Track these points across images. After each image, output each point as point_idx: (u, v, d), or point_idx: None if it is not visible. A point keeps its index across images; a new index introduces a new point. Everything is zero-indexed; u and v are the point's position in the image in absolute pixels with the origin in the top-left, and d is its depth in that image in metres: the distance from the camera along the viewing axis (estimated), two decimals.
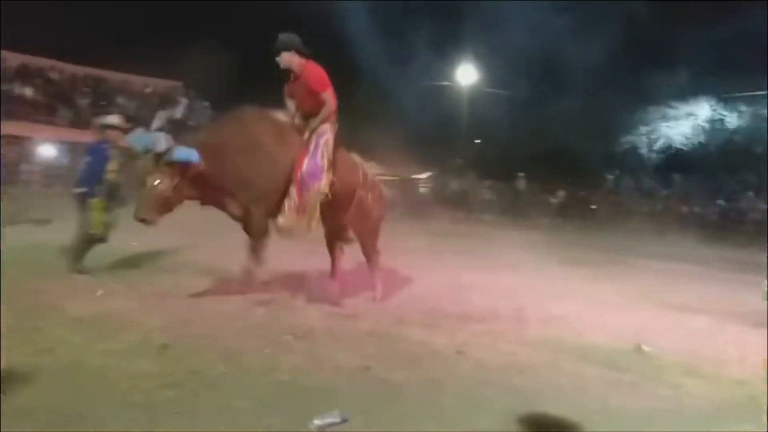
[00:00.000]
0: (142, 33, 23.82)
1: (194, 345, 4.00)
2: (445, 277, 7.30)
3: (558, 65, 24.37)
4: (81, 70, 25.77)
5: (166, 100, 26.27)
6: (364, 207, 5.68)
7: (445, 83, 28.26)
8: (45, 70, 24.84)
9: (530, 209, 20.58)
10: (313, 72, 5.30)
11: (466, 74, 27.95)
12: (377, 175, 6.24)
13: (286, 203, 5.15)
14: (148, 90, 27.36)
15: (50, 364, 3.46)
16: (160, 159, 4.75)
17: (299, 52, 5.30)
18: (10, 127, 20.41)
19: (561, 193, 22.69)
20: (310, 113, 5.35)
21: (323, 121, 5.27)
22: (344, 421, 2.99)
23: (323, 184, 5.16)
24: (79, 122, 22.89)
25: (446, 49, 26.25)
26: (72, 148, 20.89)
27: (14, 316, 4.29)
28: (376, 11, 22.31)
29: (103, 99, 25.42)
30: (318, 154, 5.18)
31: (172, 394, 3.20)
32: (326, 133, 5.27)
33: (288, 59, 5.27)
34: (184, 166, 4.80)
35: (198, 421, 2.98)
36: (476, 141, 29.93)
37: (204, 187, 5.00)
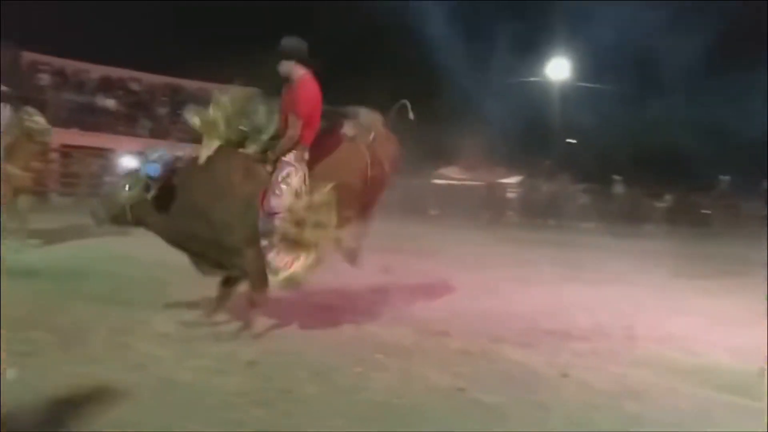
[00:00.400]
0: (217, 41, 24.83)
1: (283, 362, 4.11)
2: (541, 291, 7.17)
3: (658, 57, 23.46)
4: (159, 80, 27.09)
5: None
6: (379, 181, 5.30)
7: (535, 79, 27.81)
8: (125, 81, 26.30)
9: (633, 215, 19.88)
10: (304, 89, 4.89)
11: (558, 69, 27.43)
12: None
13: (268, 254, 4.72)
14: None
15: (142, 380, 3.63)
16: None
17: (301, 62, 4.93)
18: (94, 139, 21.78)
19: (668, 198, 21.77)
20: (281, 136, 4.90)
21: (283, 152, 4.81)
22: None
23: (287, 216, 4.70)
24: (159, 132, 24.09)
25: (536, 44, 25.87)
26: None
27: (106, 330, 4.58)
28: (463, 9, 22.26)
29: (180, 107, 26.57)
30: (276, 188, 4.74)
31: (264, 412, 3.29)
32: (288, 166, 4.80)
33: (287, 69, 4.92)
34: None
35: None
36: (569, 141, 29.24)
37: (176, 223, 4.89)
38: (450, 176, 25.98)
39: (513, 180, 25.55)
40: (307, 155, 4.90)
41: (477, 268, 8.37)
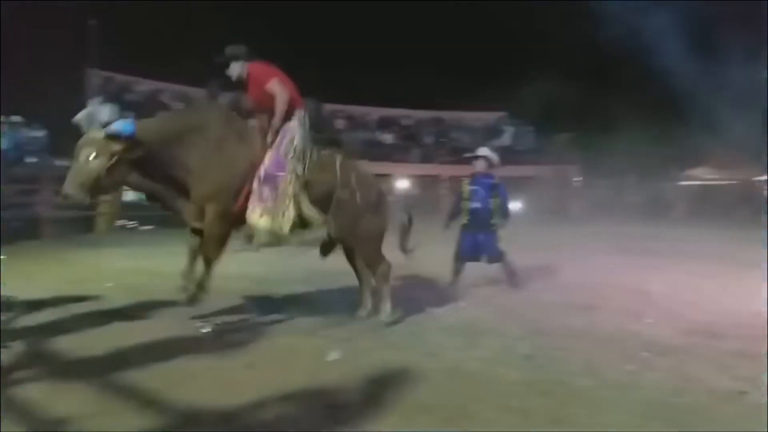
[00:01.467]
0: (471, 75, 25.39)
1: (556, 357, 3.93)
2: None
3: None
4: (425, 114, 28.55)
5: (493, 130, 27.43)
6: (349, 211, 4.74)
7: None
8: (398, 118, 28.15)
9: None
10: (255, 69, 4.76)
11: None
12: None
13: (254, 203, 4.45)
14: (478, 123, 28.85)
15: (435, 366, 3.72)
16: (99, 132, 4.09)
17: (246, 59, 4.80)
18: (378, 168, 23.60)
19: None
20: (272, 113, 4.68)
21: (283, 117, 4.62)
22: None
23: (289, 178, 4.49)
24: (427, 157, 25.31)
25: None
26: (422, 180, 23.18)
27: (403, 321, 4.85)
28: (706, 13, 19.68)
29: (442, 136, 27.68)
30: (282, 149, 4.54)
31: (544, 402, 3.17)
32: (291, 131, 4.62)
33: (238, 69, 4.78)
34: (124, 144, 4.06)
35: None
36: None
37: (149, 174, 4.34)
38: (699, 177, 23.11)
39: None
40: (306, 119, 4.74)
41: (740, 269, 7.24)
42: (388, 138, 26.61)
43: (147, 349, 4.02)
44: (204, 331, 4.48)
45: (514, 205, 17.28)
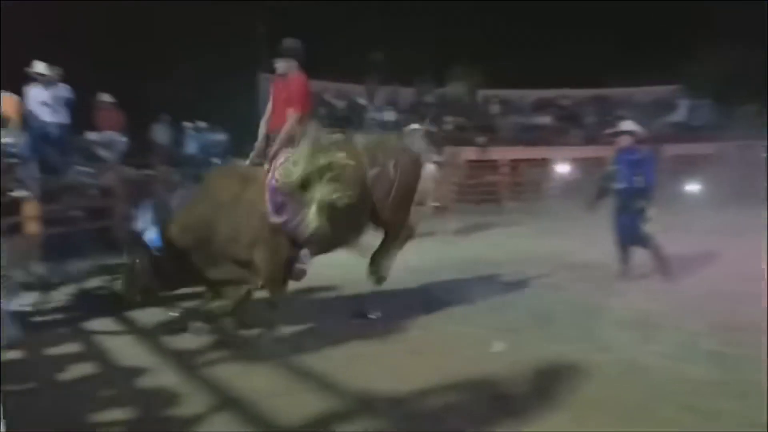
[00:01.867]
0: (638, 46, 23.51)
1: (748, 355, 3.53)
2: None
3: None
4: (586, 93, 26.98)
5: (664, 105, 25.16)
6: (384, 185, 4.67)
7: None
8: (557, 99, 26.95)
9: None
10: (301, 83, 4.62)
11: None
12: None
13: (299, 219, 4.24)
14: (647, 99, 26.66)
15: (607, 360, 3.54)
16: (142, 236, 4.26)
17: (298, 60, 4.65)
18: (535, 152, 22.86)
19: None
20: (274, 130, 4.53)
21: (280, 147, 4.41)
22: None
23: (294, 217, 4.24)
24: (588, 140, 23.95)
25: None
26: (583, 163, 21.99)
27: (569, 313, 4.64)
28: None
29: (606, 115, 26.00)
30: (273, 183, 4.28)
31: (735, 404, 2.86)
32: (281, 155, 4.37)
33: (286, 66, 4.63)
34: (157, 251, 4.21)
35: None
36: None
37: (195, 264, 4.34)
38: None
39: None
40: (299, 143, 4.46)
41: None
42: (545, 120, 25.61)
43: (319, 334, 4.30)
44: (372, 316, 4.67)
45: (692, 187, 15.75)
